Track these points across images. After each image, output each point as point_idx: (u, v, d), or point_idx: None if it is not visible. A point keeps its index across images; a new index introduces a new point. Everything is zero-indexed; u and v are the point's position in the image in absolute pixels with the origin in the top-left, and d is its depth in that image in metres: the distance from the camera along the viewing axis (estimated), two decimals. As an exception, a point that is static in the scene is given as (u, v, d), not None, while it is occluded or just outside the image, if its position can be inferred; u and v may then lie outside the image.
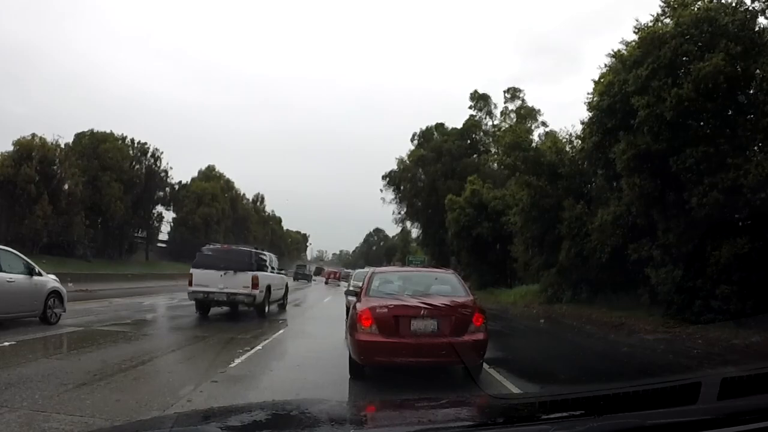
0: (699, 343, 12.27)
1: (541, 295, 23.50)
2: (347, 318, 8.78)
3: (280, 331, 12.83)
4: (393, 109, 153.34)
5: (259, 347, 10.20)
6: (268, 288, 16.01)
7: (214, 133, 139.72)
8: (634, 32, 15.54)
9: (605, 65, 16.68)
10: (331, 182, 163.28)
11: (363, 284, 8.50)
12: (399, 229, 67.15)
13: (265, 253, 18.13)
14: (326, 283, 55.70)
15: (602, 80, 16.40)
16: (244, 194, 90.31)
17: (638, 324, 15.38)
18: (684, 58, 13.45)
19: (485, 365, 7.84)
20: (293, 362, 9.32)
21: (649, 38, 14.04)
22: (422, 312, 6.99)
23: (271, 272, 17.36)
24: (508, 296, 26.85)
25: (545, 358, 10.03)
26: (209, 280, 14.85)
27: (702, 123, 13.36)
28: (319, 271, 73.92)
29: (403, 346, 6.86)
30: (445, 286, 8.29)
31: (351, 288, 12.66)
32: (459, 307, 7.31)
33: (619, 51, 15.83)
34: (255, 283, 14.96)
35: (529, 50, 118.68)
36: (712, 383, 1.92)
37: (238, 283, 14.84)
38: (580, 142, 19.59)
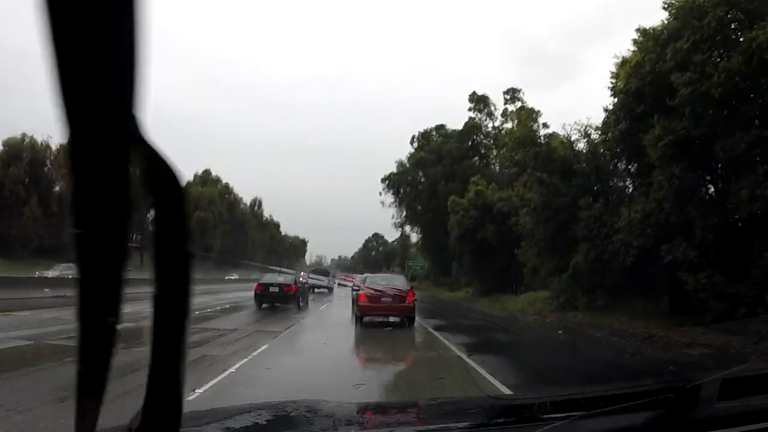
0: (756, 360, 10.24)
1: (553, 302, 21.44)
2: (353, 301, 17.57)
3: (264, 347, 10.61)
4: (391, 116, 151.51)
5: (232, 370, 8.03)
6: (331, 282, 39.04)
7: (214, 138, 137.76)
8: (663, 8, 13.62)
9: (633, 41, 14.67)
10: (330, 187, 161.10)
11: (361, 282, 17.27)
12: (398, 234, 65.58)
13: (329, 269, 52.26)
14: (338, 285, 56.41)
15: (630, 62, 14.41)
16: (241, 198, 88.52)
17: (670, 335, 13.28)
18: (731, 28, 11.49)
19: (507, 390, 7.08)
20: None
21: (687, 8, 12.07)
22: (385, 294, 15.02)
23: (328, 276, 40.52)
24: (515, 303, 24.73)
25: (579, 383, 7.99)
26: (314, 278, 34.44)
27: (754, 102, 11.35)
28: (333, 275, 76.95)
29: (377, 307, 15.01)
30: (398, 283, 16.52)
31: (354, 286, 20.59)
32: (401, 292, 15.24)
33: (649, 28, 13.86)
34: (330, 281, 38.24)
35: (527, 58, 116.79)
36: (712, 384, 1.83)
37: (323, 280, 36.73)
38: (599, 134, 17.56)
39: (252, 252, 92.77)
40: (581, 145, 20.32)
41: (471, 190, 30.36)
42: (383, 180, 53.44)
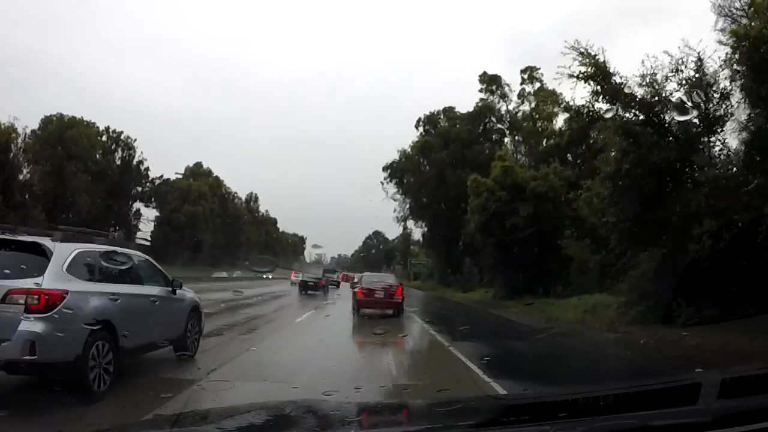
0: None
1: (629, 310, 14.74)
2: (353, 296, 18.99)
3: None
4: (392, 115, 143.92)
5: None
6: (338, 278, 43.83)
7: (213, 135, 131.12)
8: None
9: None
10: (329, 185, 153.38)
11: (359, 280, 20.28)
12: (400, 230, 58.83)
13: (337, 269, 55.27)
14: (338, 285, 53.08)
15: None
16: (235, 193, 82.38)
17: None
18: None
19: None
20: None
21: None
22: (378, 289, 17.44)
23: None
24: (562, 310, 17.92)
25: None
26: (326, 276, 37.79)
27: None
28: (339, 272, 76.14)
29: (371, 301, 17.19)
30: (389, 280, 19.48)
31: (353, 283, 24.59)
32: (391, 288, 17.86)
33: None
34: (338, 278, 44.31)
35: (528, 59, 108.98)
36: (712, 383, 1.81)
37: (334, 278, 41.36)
38: (727, 52, 10.77)
39: (248, 249, 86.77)
40: (671, 86, 13.74)
41: (496, 167, 23.60)
42: (384, 168, 46.66)
